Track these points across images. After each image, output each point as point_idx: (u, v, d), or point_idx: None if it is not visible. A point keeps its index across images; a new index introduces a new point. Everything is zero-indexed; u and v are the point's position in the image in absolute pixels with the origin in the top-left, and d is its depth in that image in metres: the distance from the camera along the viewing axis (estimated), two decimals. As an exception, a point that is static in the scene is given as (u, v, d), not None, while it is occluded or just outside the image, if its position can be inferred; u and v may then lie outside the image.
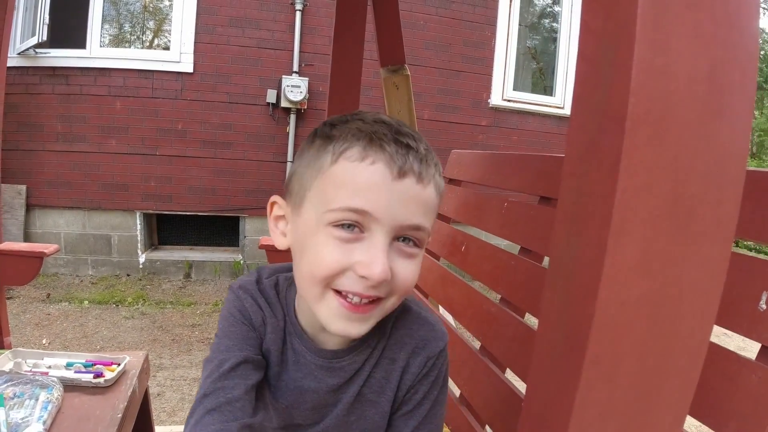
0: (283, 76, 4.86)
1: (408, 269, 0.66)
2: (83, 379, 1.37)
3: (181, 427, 0.72)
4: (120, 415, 1.21)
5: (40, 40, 5.17)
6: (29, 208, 5.07)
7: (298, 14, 4.99)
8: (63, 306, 4.38)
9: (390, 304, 0.68)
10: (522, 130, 5.82)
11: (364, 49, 1.82)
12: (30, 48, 4.78)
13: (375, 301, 0.66)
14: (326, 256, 0.63)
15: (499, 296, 1.22)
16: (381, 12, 1.90)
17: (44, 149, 4.98)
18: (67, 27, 5.00)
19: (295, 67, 4.95)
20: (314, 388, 0.77)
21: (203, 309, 4.30)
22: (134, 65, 4.89)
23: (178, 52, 4.88)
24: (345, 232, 0.63)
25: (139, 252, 5.04)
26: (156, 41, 5.44)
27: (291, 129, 4.95)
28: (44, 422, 1.20)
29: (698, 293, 0.36)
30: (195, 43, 4.88)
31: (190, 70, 4.85)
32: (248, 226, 5.10)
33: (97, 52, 5.01)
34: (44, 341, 3.73)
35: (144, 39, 5.47)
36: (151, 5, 5.43)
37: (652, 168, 0.33)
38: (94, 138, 4.85)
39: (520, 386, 1.06)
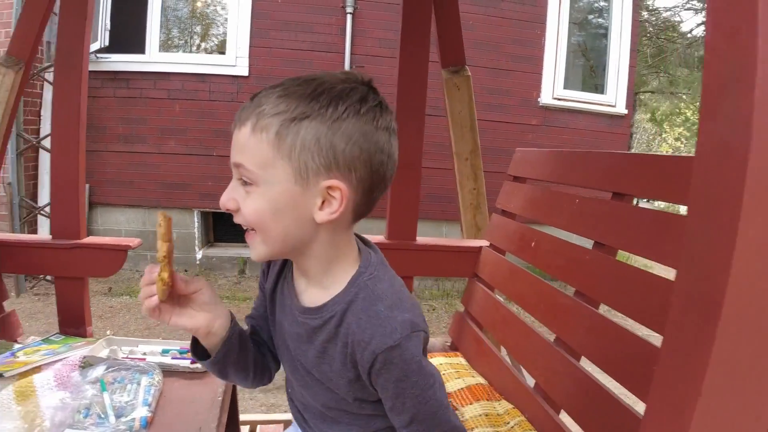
0: (335, 78, 4.96)
1: (245, 202, 0.79)
2: (181, 365, 1.46)
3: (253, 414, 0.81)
4: (220, 398, 1.29)
5: (101, 46, 5.42)
6: (92, 206, 5.33)
7: (348, 17, 5.09)
8: (124, 299, 4.59)
9: (257, 237, 0.80)
10: (572, 129, 5.77)
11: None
12: (92, 53, 5.01)
13: (249, 233, 0.82)
14: None
15: (574, 290, 1.26)
16: (442, 14, 1.95)
17: (106, 150, 5.22)
18: (127, 32, 5.22)
19: (347, 69, 5.04)
20: (291, 332, 0.91)
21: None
22: (192, 69, 5.08)
23: (233, 56, 5.04)
24: None
25: (197, 249, 5.22)
26: (212, 46, 5.62)
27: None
28: (149, 405, 1.28)
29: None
30: (250, 47, 5.03)
31: (246, 73, 5.00)
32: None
33: (156, 56, 5.22)
34: (108, 332, 3.91)
35: (201, 44, 5.67)
36: (207, 11, 5.61)
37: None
38: (154, 139, 5.05)
39: (596, 373, 1.12)
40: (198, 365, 1.45)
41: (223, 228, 5.56)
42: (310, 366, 0.89)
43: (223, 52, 5.24)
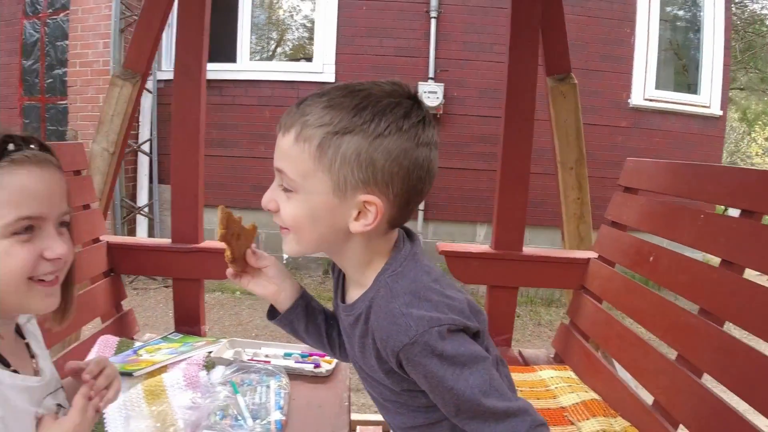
0: (419, 83, 4.99)
1: (285, 206, 0.82)
2: (305, 369, 1.52)
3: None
4: (347, 404, 1.34)
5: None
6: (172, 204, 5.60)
7: (433, 21, 5.11)
8: (217, 296, 4.80)
9: (291, 236, 0.84)
10: (664, 131, 5.53)
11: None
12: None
13: (284, 230, 0.84)
14: None
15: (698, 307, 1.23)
16: (547, 21, 1.93)
17: (201, 153, 5.48)
18: (220, 42, 5.46)
19: (431, 73, 5.07)
20: (341, 327, 0.97)
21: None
22: (281, 77, 5.27)
23: (320, 63, 5.18)
24: None
25: (283, 255, 5.39)
26: (300, 54, 5.80)
27: (426, 134, 5.07)
28: (281, 408, 1.33)
29: None
30: (336, 54, 5.16)
31: (332, 79, 5.13)
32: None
33: (246, 65, 5.45)
34: (206, 328, 4.11)
35: (289, 52, 5.86)
36: (294, 21, 5.80)
37: None
38: (245, 144, 5.27)
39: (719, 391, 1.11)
40: (322, 369, 1.51)
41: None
42: (358, 360, 0.92)
43: (310, 60, 5.39)
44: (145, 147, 5.55)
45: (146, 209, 5.60)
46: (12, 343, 0.83)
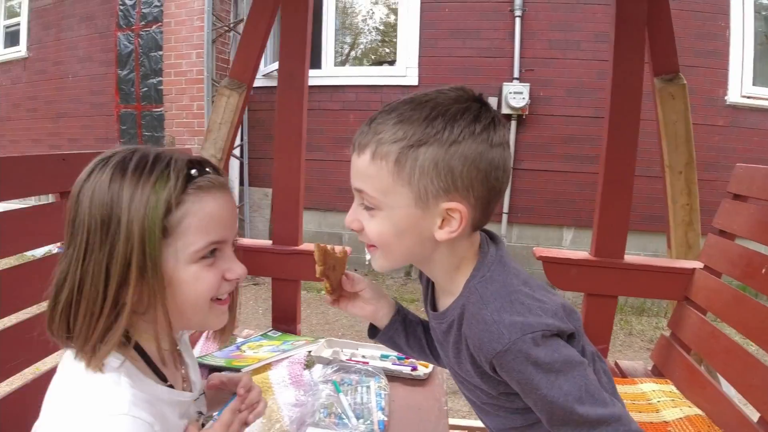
0: (504, 83, 4.92)
1: (369, 225, 0.83)
2: (404, 371, 1.54)
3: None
4: (445, 408, 1.34)
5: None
6: (272, 208, 5.82)
7: (517, 20, 5.02)
8: (303, 294, 4.92)
9: (378, 252, 0.85)
10: (764, 131, 5.15)
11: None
12: (274, 70, 5.47)
13: (371, 247, 0.86)
14: None
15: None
16: (654, 18, 1.84)
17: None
18: (305, 49, 5.61)
19: (516, 73, 4.98)
20: (433, 335, 0.99)
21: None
22: (364, 81, 5.35)
23: (403, 67, 5.21)
24: None
25: (366, 251, 5.48)
26: (383, 58, 5.87)
27: (512, 136, 4.99)
28: (383, 409, 1.35)
29: None
30: (419, 57, 5.17)
31: (416, 83, 5.15)
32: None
33: (331, 71, 5.57)
34: (300, 326, 4.24)
35: (372, 56, 5.94)
36: (377, 26, 5.87)
37: None
38: (330, 148, 5.38)
39: None
40: (420, 372, 1.53)
41: (389, 232, 5.76)
42: (453, 366, 0.93)
43: (393, 64, 5.44)
44: (236, 151, 5.79)
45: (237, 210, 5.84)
46: (170, 355, 0.87)
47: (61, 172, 1.36)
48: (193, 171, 0.77)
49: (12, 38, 7.47)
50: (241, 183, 5.88)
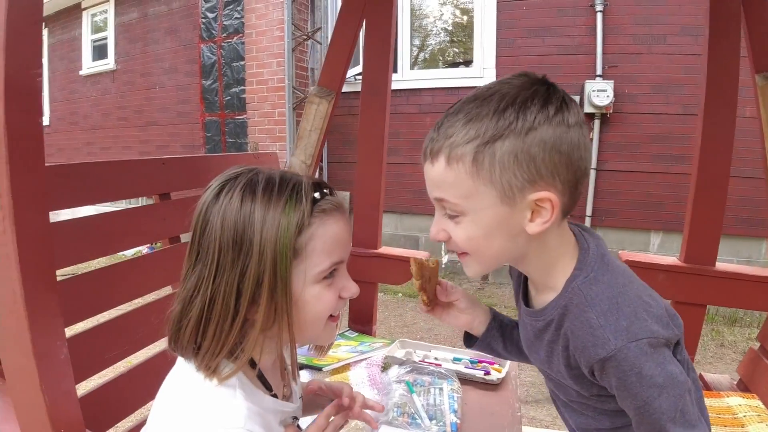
0: (587, 81, 4.76)
1: (456, 232, 0.80)
2: (476, 375, 1.53)
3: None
4: (519, 414, 1.33)
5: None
6: (351, 210, 5.91)
7: (598, 15, 4.84)
8: (380, 297, 4.98)
9: (470, 258, 0.82)
10: None
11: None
12: (352, 76, 5.57)
13: (462, 255, 0.83)
14: None
15: None
16: (752, 13, 1.73)
17: (364, 162, 5.75)
18: (381, 54, 5.67)
19: (599, 71, 4.80)
20: (522, 333, 0.96)
21: (505, 312, 4.41)
22: (440, 84, 5.34)
23: (480, 68, 5.16)
24: None
25: (443, 253, 5.46)
26: (458, 60, 5.84)
27: (595, 135, 4.81)
28: (456, 412, 1.35)
29: None
30: (496, 57, 5.10)
31: (493, 83, 5.08)
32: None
33: (407, 74, 5.60)
34: (375, 328, 4.29)
35: (447, 59, 5.93)
36: (452, 28, 5.84)
37: None
38: (406, 151, 5.42)
39: None
40: (493, 377, 1.51)
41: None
42: (543, 364, 0.91)
43: (468, 65, 5.40)
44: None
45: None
46: (276, 365, 0.91)
47: (160, 175, 1.46)
48: (317, 194, 0.79)
49: (100, 52, 8.03)
50: (320, 187, 6.02)
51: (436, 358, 1.70)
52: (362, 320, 2.21)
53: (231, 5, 6.13)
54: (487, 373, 1.54)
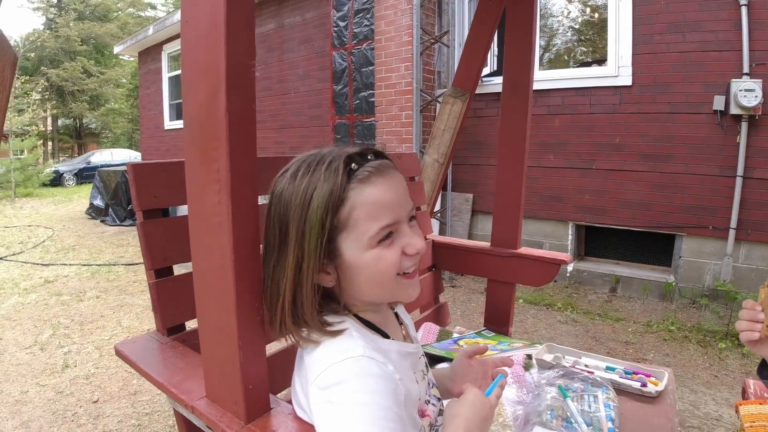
0: (732, 80, 4.37)
1: None
2: (633, 386, 1.46)
3: None
4: (679, 429, 1.25)
5: (490, 71, 5.94)
6: (474, 213, 5.91)
7: (743, 9, 4.42)
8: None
9: None
10: None
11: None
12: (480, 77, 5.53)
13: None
14: None
15: None
16: None
17: (487, 164, 5.72)
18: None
19: (746, 69, 4.39)
20: None
21: (634, 327, 4.18)
22: (571, 84, 5.16)
23: (614, 66, 4.92)
24: None
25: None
26: (591, 58, 5.61)
27: (742, 139, 4.40)
28: (613, 421, 1.30)
29: None
30: (632, 55, 4.84)
31: (628, 83, 4.83)
32: (685, 246, 4.72)
33: (536, 75, 5.46)
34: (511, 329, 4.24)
35: (579, 57, 5.72)
36: (584, 26, 5.63)
37: None
38: (533, 153, 5.29)
39: None
40: (651, 389, 1.43)
41: (595, 242, 5.47)
42: None
43: (602, 63, 5.17)
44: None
45: (439, 214, 6.04)
46: (387, 318, 0.99)
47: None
48: (353, 165, 0.84)
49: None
50: (444, 188, 6.05)
51: (586, 366, 1.64)
52: (498, 321, 2.20)
53: (361, 13, 6.35)
54: (644, 385, 1.47)
